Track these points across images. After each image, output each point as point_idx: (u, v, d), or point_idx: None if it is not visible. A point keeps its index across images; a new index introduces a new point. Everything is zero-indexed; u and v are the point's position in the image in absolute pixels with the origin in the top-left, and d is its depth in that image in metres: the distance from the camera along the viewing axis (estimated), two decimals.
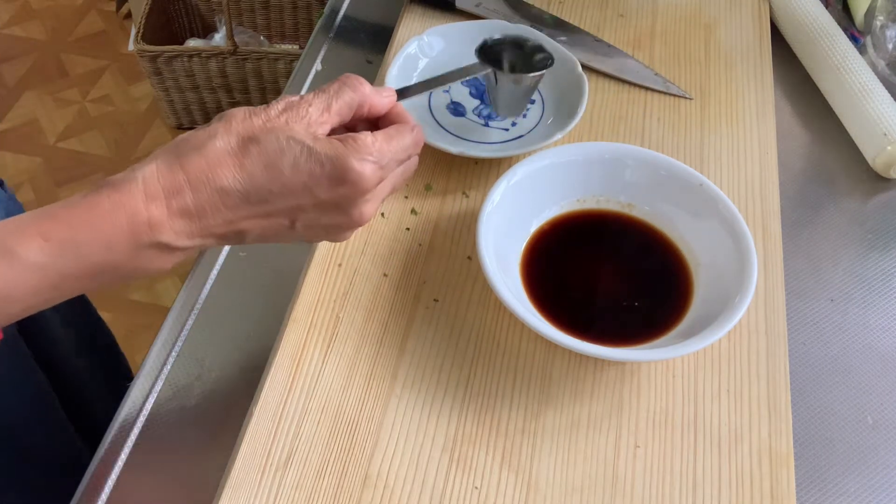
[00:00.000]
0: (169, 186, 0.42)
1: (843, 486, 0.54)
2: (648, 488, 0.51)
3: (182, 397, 0.56)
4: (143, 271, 0.43)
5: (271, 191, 0.44)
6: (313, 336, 0.57)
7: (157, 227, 0.42)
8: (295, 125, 0.44)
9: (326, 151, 0.44)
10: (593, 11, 0.82)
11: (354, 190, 0.45)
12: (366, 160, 0.45)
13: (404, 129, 0.49)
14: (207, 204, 0.43)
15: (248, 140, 0.43)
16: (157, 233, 0.42)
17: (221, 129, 0.44)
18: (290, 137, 0.44)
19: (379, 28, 0.82)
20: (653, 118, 0.72)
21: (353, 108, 0.48)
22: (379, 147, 0.46)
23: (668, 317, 0.57)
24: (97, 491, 0.52)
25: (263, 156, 0.43)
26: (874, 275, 0.64)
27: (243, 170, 0.43)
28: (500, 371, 0.56)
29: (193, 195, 0.42)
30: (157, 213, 0.42)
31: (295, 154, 0.44)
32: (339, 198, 0.45)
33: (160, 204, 0.42)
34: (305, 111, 0.45)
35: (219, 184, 0.43)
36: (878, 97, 0.71)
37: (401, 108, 0.51)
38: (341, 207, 0.46)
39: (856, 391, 0.58)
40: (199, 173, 0.42)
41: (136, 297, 1.66)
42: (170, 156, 0.43)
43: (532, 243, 0.61)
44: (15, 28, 2.20)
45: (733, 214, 0.58)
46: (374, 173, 0.45)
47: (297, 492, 0.50)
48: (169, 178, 0.42)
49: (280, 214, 0.45)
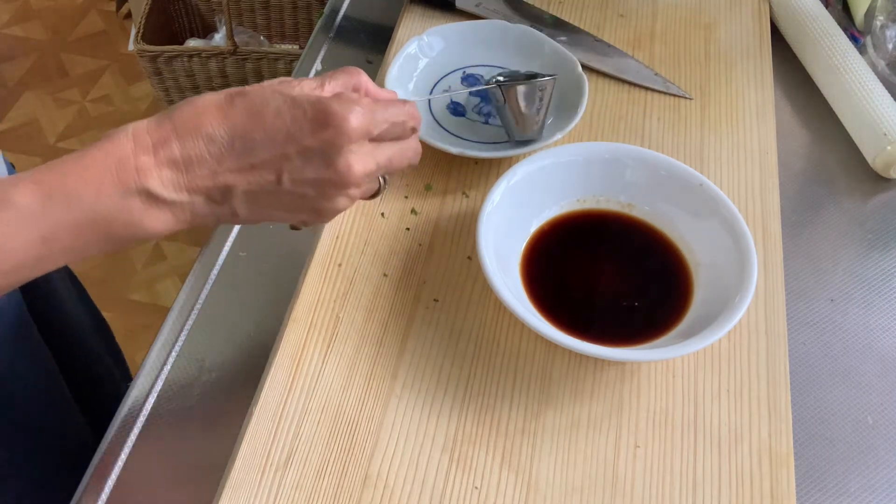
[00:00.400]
0: (157, 137, 0.43)
1: (843, 485, 0.54)
2: (648, 488, 0.51)
3: (182, 397, 0.56)
4: (134, 228, 0.44)
5: (254, 138, 0.44)
6: (313, 336, 0.57)
7: (145, 173, 0.42)
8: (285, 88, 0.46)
9: (310, 98, 0.45)
10: (593, 11, 0.82)
11: (338, 134, 0.45)
12: (351, 106, 0.45)
13: (396, 101, 0.49)
14: (193, 153, 0.43)
15: (236, 94, 0.45)
16: (145, 179, 0.42)
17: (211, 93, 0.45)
18: (277, 90, 0.45)
19: (379, 28, 0.82)
20: (653, 118, 0.72)
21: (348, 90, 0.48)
22: (366, 101, 0.46)
23: (668, 317, 0.57)
24: (97, 491, 0.52)
25: (248, 105, 0.44)
26: (874, 275, 0.64)
27: (227, 118, 0.44)
28: (500, 371, 0.56)
29: (180, 144, 0.43)
30: (144, 161, 0.43)
31: (278, 103, 0.44)
32: (322, 144, 0.45)
33: (148, 152, 0.43)
34: (298, 82, 0.47)
35: (203, 131, 0.44)
36: (878, 97, 0.71)
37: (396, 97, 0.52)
38: (325, 156, 0.45)
39: (856, 391, 0.58)
40: (185, 122, 0.44)
41: (136, 297, 1.66)
42: (160, 114, 0.45)
43: (532, 243, 0.61)
44: (15, 28, 2.20)
45: (733, 214, 0.58)
46: (359, 118, 0.45)
47: (297, 492, 0.50)
48: (158, 130, 0.43)
49: (265, 167, 0.45)
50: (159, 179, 0.43)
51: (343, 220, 0.64)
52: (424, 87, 0.71)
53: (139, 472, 0.53)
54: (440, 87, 0.71)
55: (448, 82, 0.72)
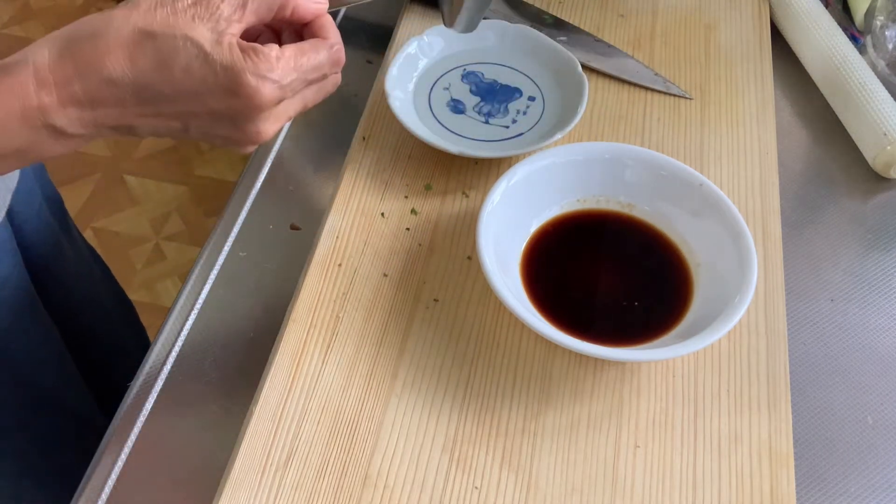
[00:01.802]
0: (59, 75, 0.41)
1: (843, 486, 0.54)
2: (648, 488, 0.51)
3: (182, 397, 0.56)
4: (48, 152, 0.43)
5: (161, 91, 0.42)
6: (313, 336, 0.57)
7: (48, 112, 0.41)
8: (200, 24, 0.42)
9: (223, 60, 0.41)
10: (593, 11, 0.82)
11: (248, 105, 0.43)
12: (264, 77, 0.42)
13: (321, 45, 0.45)
14: (96, 94, 0.42)
15: (144, 34, 0.41)
16: (49, 117, 0.41)
17: (119, 16, 0.42)
18: (189, 38, 0.41)
19: (379, 28, 0.82)
20: (653, 118, 0.72)
21: (273, 8, 0.44)
22: (283, 65, 0.43)
23: (668, 317, 0.57)
24: (97, 490, 0.52)
25: (156, 53, 0.41)
26: (874, 275, 0.64)
27: (134, 64, 0.41)
28: (500, 371, 0.56)
29: (82, 84, 0.41)
30: (47, 101, 0.41)
31: (190, 57, 0.41)
32: (231, 111, 0.43)
33: (50, 91, 0.41)
34: (217, 6, 0.42)
35: (106, 74, 0.41)
36: (878, 97, 0.71)
37: (327, 20, 0.47)
38: (235, 121, 0.44)
39: (856, 391, 0.58)
40: (87, 62, 0.41)
41: (136, 297, 1.65)
42: (63, 42, 0.42)
43: (532, 243, 0.61)
44: (15, 28, 2.20)
45: (733, 214, 0.58)
46: (272, 93, 0.43)
47: (297, 492, 0.50)
48: (59, 65, 0.41)
49: (171, 117, 0.44)
50: (65, 117, 0.42)
51: (343, 221, 0.64)
52: (424, 86, 0.71)
53: (139, 471, 0.53)
54: (440, 86, 0.71)
55: (448, 81, 0.72)
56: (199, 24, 0.42)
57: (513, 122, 0.69)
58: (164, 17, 0.42)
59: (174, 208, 1.81)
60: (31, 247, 0.73)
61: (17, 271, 0.70)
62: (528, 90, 0.71)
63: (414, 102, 0.70)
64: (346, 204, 0.65)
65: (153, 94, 0.42)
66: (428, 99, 0.71)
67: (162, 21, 0.42)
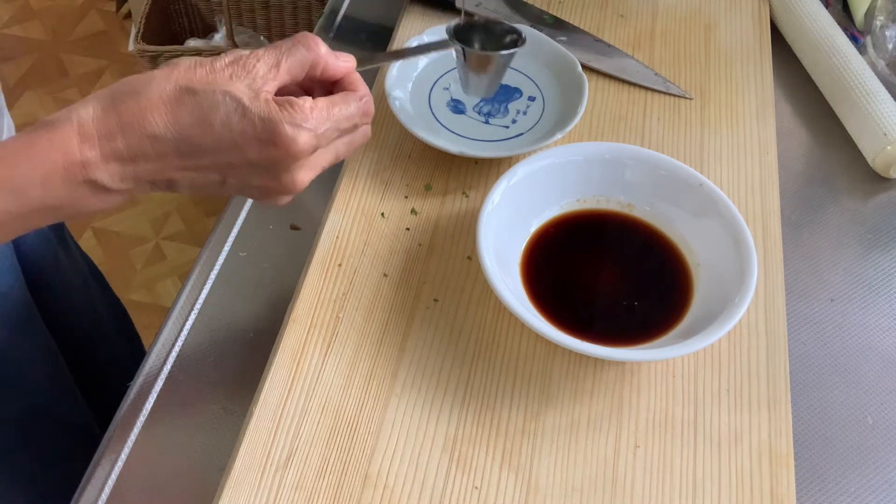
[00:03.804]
0: (102, 130, 0.43)
1: (843, 486, 0.54)
2: (648, 488, 0.51)
3: (182, 397, 0.56)
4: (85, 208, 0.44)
5: (201, 145, 0.44)
6: (313, 336, 0.57)
7: (91, 167, 0.42)
8: (237, 81, 0.44)
9: (260, 113, 0.44)
10: (593, 11, 0.82)
11: (285, 154, 0.45)
12: (300, 127, 0.44)
13: (351, 97, 0.48)
14: (138, 149, 0.43)
15: (185, 90, 0.43)
16: (91, 172, 0.43)
17: (160, 76, 0.44)
18: (228, 93, 0.43)
19: (379, 28, 0.82)
20: (653, 118, 0.72)
21: (305, 68, 0.47)
22: (317, 115, 0.45)
23: (668, 317, 0.57)
24: (97, 490, 0.52)
25: (197, 108, 0.43)
26: (874, 275, 0.64)
27: (175, 119, 0.43)
28: (500, 371, 0.56)
29: (125, 139, 0.43)
30: (90, 155, 0.42)
31: (229, 111, 0.43)
32: (268, 161, 0.45)
33: (93, 146, 0.42)
34: (252, 66, 0.45)
35: (149, 130, 0.43)
36: (878, 97, 0.71)
37: (356, 77, 0.50)
38: (271, 171, 0.45)
39: (856, 391, 0.58)
40: (131, 118, 0.43)
41: (136, 297, 1.66)
42: (106, 100, 0.44)
43: (532, 243, 0.61)
44: (15, 28, 2.20)
45: (733, 214, 0.58)
46: (308, 141, 0.45)
47: (297, 492, 0.50)
48: (103, 121, 0.43)
49: (210, 169, 0.45)
50: (106, 172, 0.43)
51: (343, 221, 0.64)
52: (424, 86, 0.71)
53: (138, 471, 0.53)
54: (440, 87, 0.71)
55: (448, 81, 0.72)
56: (237, 81, 0.44)
57: (513, 122, 0.69)
58: (204, 76, 0.44)
59: (174, 208, 1.81)
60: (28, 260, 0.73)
61: (16, 285, 0.70)
62: (528, 90, 0.71)
63: (414, 102, 0.70)
64: (346, 204, 0.65)
65: (194, 147, 0.44)
66: (428, 99, 0.71)
67: (201, 79, 0.44)
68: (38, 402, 0.75)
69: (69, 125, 0.43)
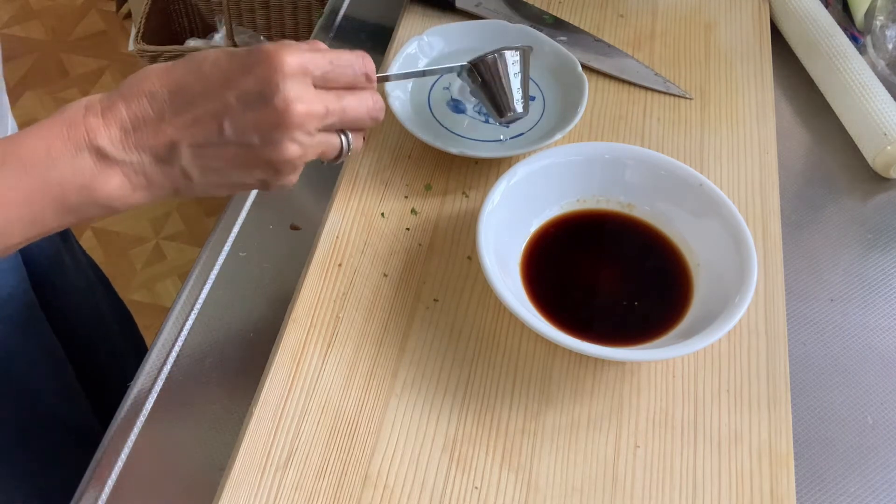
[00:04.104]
0: (106, 104, 0.45)
1: (843, 486, 0.54)
2: (648, 488, 0.51)
3: (182, 397, 0.56)
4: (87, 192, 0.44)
5: (193, 90, 0.45)
6: (313, 336, 0.57)
7: (93, 131, 0.44)
8: None
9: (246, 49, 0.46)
10: (593, 11, 0.82)
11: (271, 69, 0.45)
12: (282, 44, 0.46)
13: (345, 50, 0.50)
14: (137, 111, 0.45)
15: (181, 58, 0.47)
16: (93, 136, 0.44)
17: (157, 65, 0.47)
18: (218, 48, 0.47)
19: (379, 28, 0.82)
20: (653, 118, 0.72)
21: None
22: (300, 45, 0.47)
23: (668, 317, 0.57)
24: (97, 490, 0.52)
25: (188, 61, 0.46)
26: (874, 275, 0.64)
27: (169, 76, 0.46)
28: (500, 371, 0.56)
29: (125, 105, 0.45)
30: (93, 122, 0.44)
31: (217, 55, 0.46)
32: (257, 82, 0.45)
33: (97, 114, 0.45)
34: None
35: (146, 90, 0.45)
36: (878, 97, 0.71)
37: None
38: (263, 95, 0.45)
39: (856, 391, 0.58)
40: (131, 87, 0.46)
41: (136, 297, 1.66)
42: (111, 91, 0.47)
43: (532, 243, 0.61)
44: (15, 28, 2.20)
45: (733, 214, 0.58)
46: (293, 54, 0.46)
47: (297, 492, 0.50)
48: (107, 99, 0.46)
49: (206, 118, 0.45)
50: (108, 138, 0.44)
51: (343, 221, 0.64)
52: (424, 86, 0.71)
53: (139, 471, 0.53)
54: (439, 87, 0.71)
55: (448, 81, 0.72)
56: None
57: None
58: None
59: (174, 208, 1.81)
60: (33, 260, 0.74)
61: (22, 287, 0.70)
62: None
63: (414, 102, 0.70)
64: (346, 204, 0.65)
65: (187, 95, 0.45)
66: (428, 99, 0.70)
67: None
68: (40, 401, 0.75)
69: (76, 104, 0.46)
